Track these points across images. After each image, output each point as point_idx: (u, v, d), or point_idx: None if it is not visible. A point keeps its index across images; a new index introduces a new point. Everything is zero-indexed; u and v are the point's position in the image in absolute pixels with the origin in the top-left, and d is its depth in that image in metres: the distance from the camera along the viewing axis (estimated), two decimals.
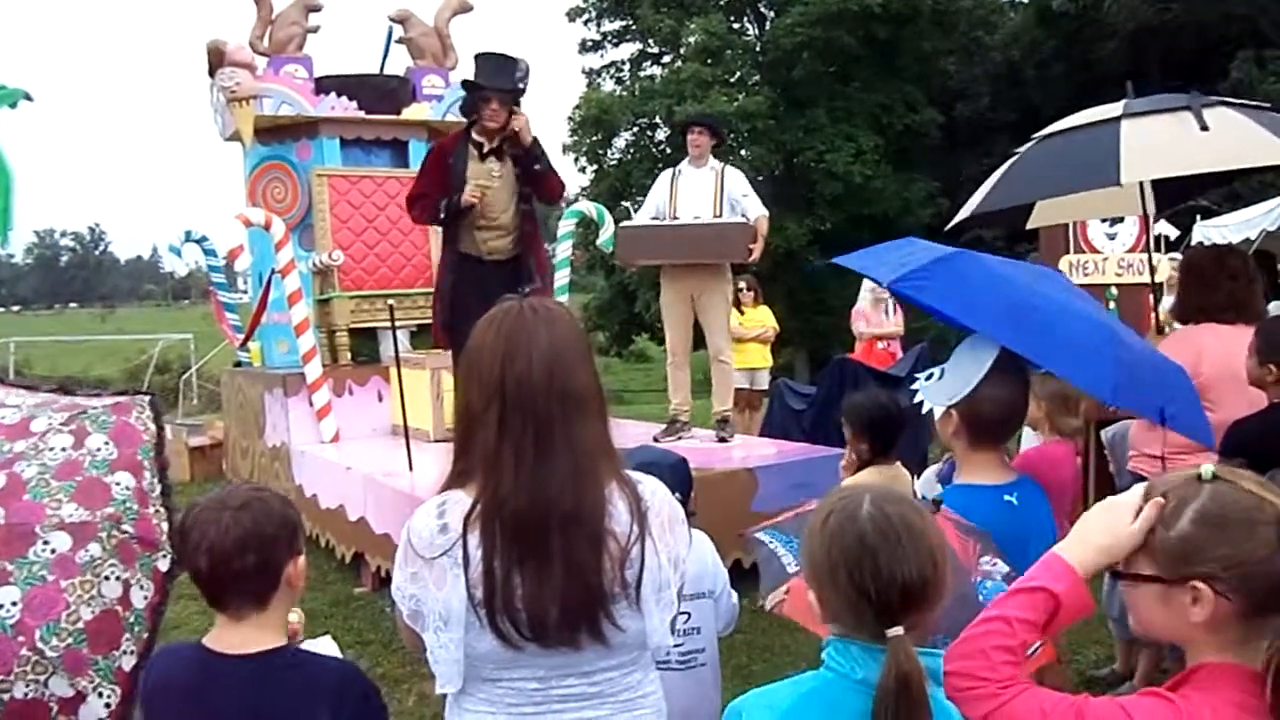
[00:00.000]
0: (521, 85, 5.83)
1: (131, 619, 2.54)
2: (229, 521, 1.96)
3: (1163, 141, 3.54)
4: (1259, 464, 2.58)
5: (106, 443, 2.68)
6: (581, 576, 1.68)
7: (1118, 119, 3.67)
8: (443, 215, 5.84)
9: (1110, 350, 2.48)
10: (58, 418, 2.69)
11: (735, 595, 2.89)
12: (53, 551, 2.49)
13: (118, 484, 2.63)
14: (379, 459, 6.77)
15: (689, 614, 2.73)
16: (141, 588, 2.59)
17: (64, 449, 2.63)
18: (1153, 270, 5.40)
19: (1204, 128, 3.45)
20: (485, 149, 5.75)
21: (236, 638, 2.00)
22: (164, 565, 2.63)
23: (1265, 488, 1.43)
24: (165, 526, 2.62)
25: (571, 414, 1.74)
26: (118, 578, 2.54)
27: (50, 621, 2.43)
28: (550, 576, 1.68)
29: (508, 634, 1.69)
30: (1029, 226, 4.81)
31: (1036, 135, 4.10)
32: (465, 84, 5.89)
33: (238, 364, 10.13)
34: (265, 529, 1.99)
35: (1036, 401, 3.71)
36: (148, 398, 2.88)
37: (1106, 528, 1.54)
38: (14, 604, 2.42)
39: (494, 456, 1.72)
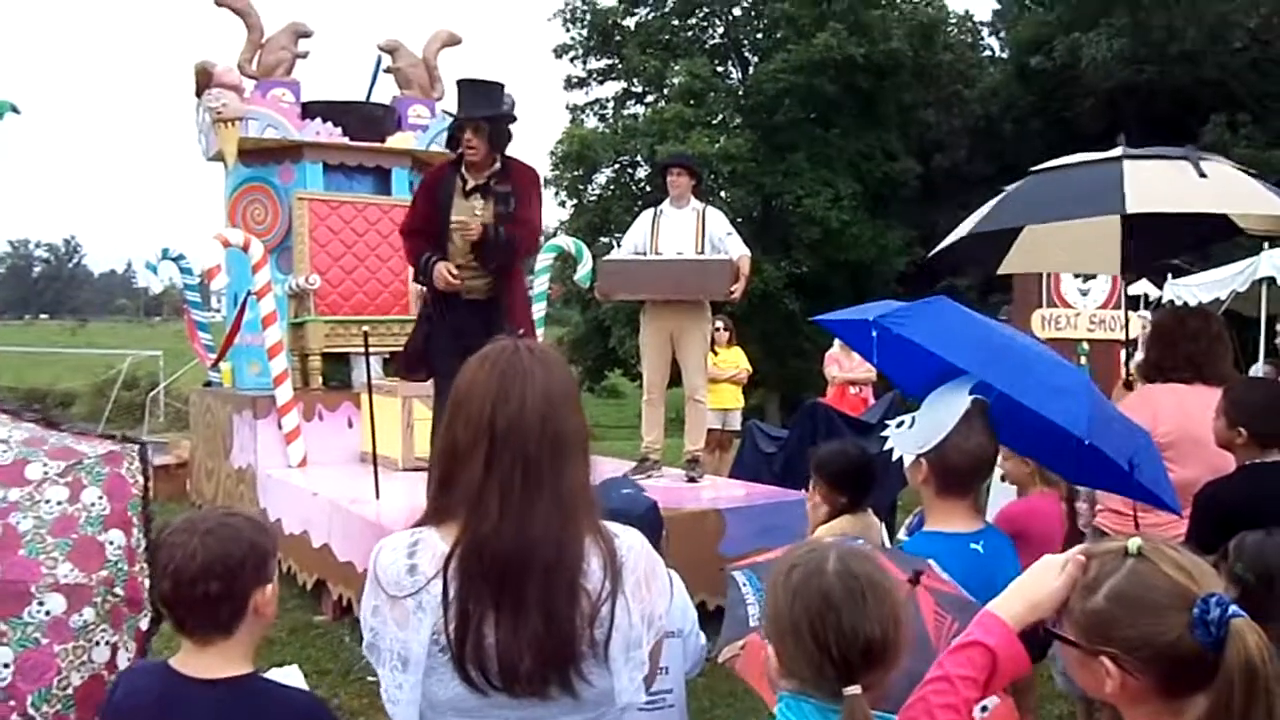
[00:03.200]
0: (505, 110, 5.54)
1: (115, 681, 2.54)
2: (196, 546, 1.93)
3: (1164, 181, 3.62)
4: (1234, 525, 2.62)
5: (100, 497, 2.66)
6: (557, 626, 1.63)
7: (1119, 158, 3.75)
8: (419, 275, 5.63)
9: (1085, 394, 2.53)
10: (54, 466, 2.66)
11: (703, 636, 2.88)
12: (47, 614, 2.46)
13: (110, 543, 2.61)
14: (346, 486, 6.72)
15: None
16: (126, 649, 2.58)
17: (60, 502, 2.60)
18: (1127, 325, 5.48)
19: (1202, 175, 3.56)
20: (470, 185, 5.46)
21: (202, 662, 1.97)
22: (144, 624, 2.63)
23: (1185, 571, 1.43)
24: (148, 584, 2.60)
25: (560, 459, 1.70)
26: (107, 642, 2.54)
27: (43, 687, 2.42)
28: (526, 624, 1.62)
29: (476, 681, 1.63)
30: (1000, 272, 4.83)
31: (1032, 170, 4.12)
32: (446, 113, 5.66)
33: (208, 383, 10.05)
34: (232, 555, 1.95)
35: (1022, 459, 3.74)
36: (136, 447, 2.86)
37: (1036, 583, 1.57)
38: (6, 666, 2.40)
39: (478, 496, 1.66)
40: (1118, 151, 3.84)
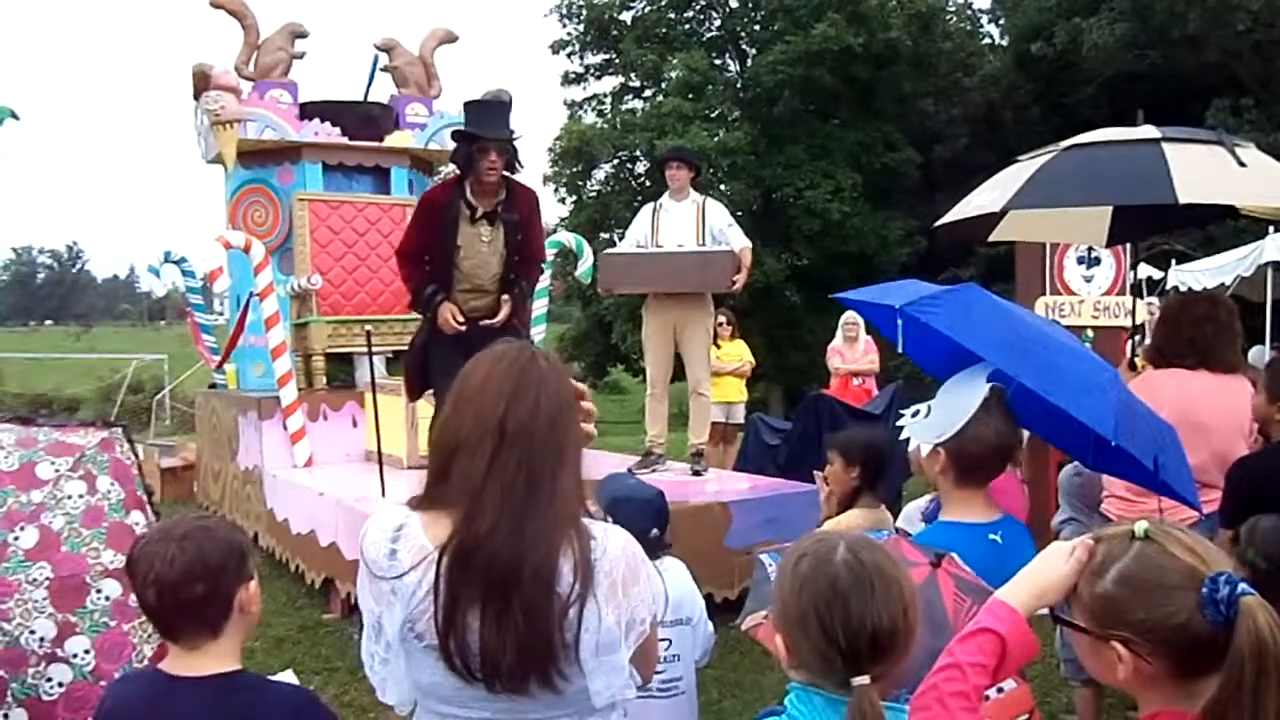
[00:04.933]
0: (516, 132, 5.49)
1: (106, 689, 2.68)
2: (174, 552, 1.94)
3: (1210, 170, 3.56)
4: (1263, 503, 2.61)
5: (113, 484, 2.86)
6: (537, 626, 1.64)
7: (1156, 140, 3.68)
8: (418, 306, 5.71)
9: (1113, 391, 2.51)
10: (62, 463, 2.83)
11: (711, 625, 2.89)
12: (107, 599, 2.69)
13: (136, 524, 2.82)
14: (352, 485, 6.74)
15: (669, 640, 2.72)
16: None
17: (81, 495, 2.80)
18: (1134, 311, 5.47)
19: (1241, 164, 3.51)
20: (479, 213, 5.41)
21: (191, 664, 1.98)
22: None
23: (1193, 552, 1.41)
24: None
25: (560, 465, 1.72)
26: None
27: (124, 664, 2.64)
28: (509, 623, 1.63)
29: (460, 670, 1.66)
30: (991, 239, 4.76)
31: (1059, 145, 4.03)
32: (459, 135, 5.41)
33: (212, 386, 10.07)
34: (211, 558, 1.97)
35: None
36: (120, 429, 3.04)
37: (1044, 569, 1.55)
38: (87, 652, 2.63)
39: (479, 492, 1.67)
40: (1153, 132, 3.78)
